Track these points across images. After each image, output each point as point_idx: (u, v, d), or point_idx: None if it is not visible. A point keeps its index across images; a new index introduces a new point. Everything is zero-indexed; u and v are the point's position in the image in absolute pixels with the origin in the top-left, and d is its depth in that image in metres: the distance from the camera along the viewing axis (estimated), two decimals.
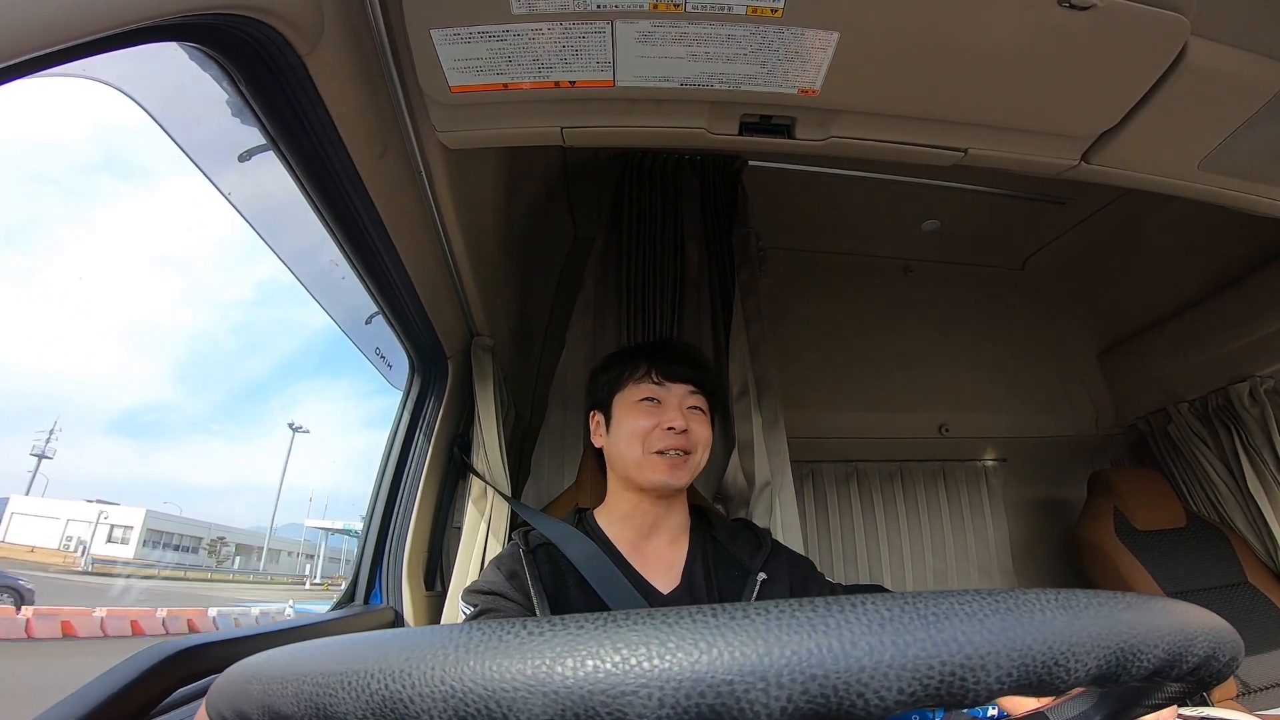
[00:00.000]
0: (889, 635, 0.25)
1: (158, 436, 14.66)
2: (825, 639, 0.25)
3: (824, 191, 2.10)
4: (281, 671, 0.30)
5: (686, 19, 0.78)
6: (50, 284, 6.28)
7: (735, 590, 0.99)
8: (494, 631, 0.27)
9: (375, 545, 1.26)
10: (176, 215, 7.84)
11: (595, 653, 0.25)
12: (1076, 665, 0.27)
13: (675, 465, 1.01)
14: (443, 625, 0.29)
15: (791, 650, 0.24)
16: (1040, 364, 2.45)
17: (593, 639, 0.26)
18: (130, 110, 0.68)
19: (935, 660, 0.25)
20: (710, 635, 0.25)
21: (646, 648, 0.25)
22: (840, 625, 0.25)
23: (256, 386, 23.21)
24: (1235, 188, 1.14)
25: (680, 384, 1.07)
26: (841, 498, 2.28)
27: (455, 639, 0.27)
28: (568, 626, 0.26)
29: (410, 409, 1.36)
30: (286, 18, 0.63)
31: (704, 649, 0.25)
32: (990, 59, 0.86)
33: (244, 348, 24.79)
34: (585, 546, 1.00)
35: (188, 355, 15.50)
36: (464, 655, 0.26)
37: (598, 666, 0.25)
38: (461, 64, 0.80)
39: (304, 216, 0.91)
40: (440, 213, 1.04)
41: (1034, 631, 0.26)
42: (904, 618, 0.26)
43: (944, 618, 0.26)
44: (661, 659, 0.25)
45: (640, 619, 0.26)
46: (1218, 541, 1.91)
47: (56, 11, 0.43)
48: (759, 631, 0.25)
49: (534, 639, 0.26)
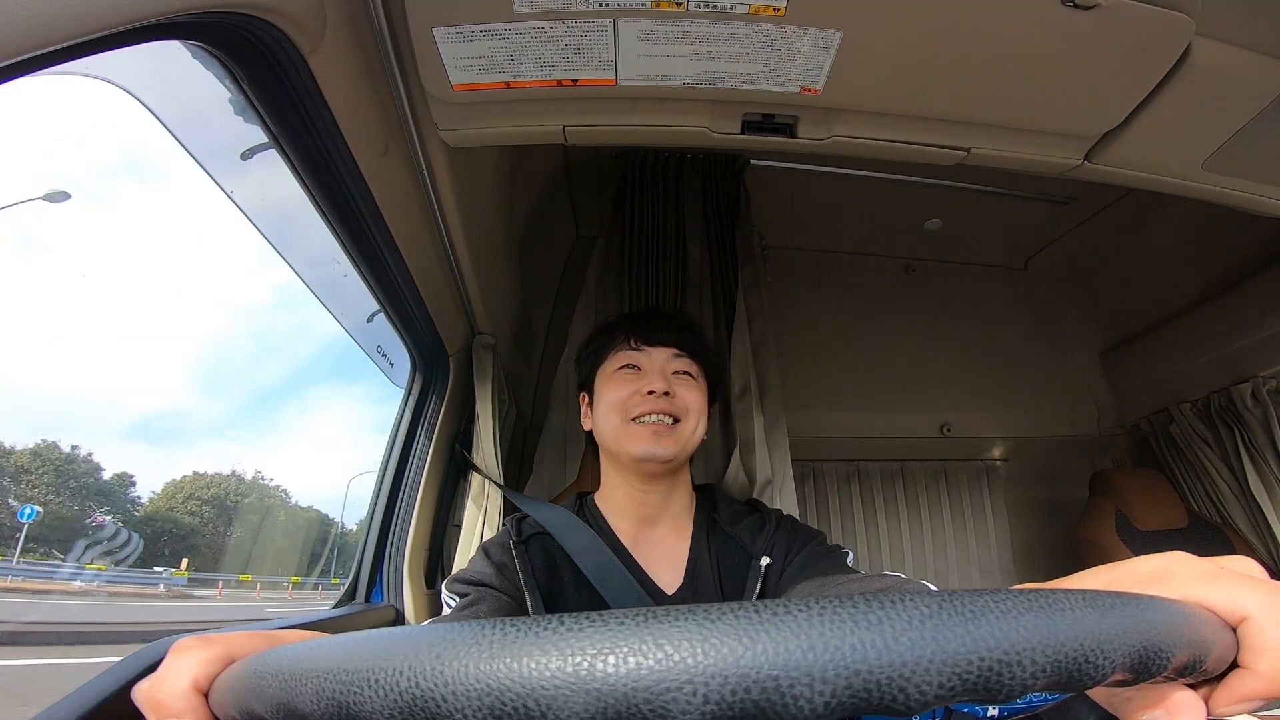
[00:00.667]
0: (930, 631, 0.26)
1: (174, 442, 14.66)
2: (869, 634, 0.25)
3: (826, 191, 2.10)
4: (301, 668, 0.30)
5: (689, 18, 0.78)
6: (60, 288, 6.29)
7: (738, 580, 0.93)
8: (531, 627, 0.27)
9: (376, 543, 1.26)
10: (177, 215, 7.87)
11: (638, 649, 0.25)
12: (1104, 663, 0.27)
13: (659, 432, 0.93)
14: (475, 620, 0.28)
15: (836, 646, 0.25)
16: (1042, 364, 2.44)
17: (635, 635, 0.25)
18: (133, 108, 0.68)
19: (974, 656, 0.25)
20: (755, 631, 0.25)
21: (690, 644, 0.25)
22: (883, 621, 0.26)
23: (272, 391, 23.46)
24: (1239, 188, 1.14)
25: (662, 348, 1.00)
26: (843, 497, 2.27)
27: (489, 634, 0.27)
28: (608, 622, 0.26)
29: (412, 407, 1.36)
30: (289, 16, 0.63)
31: (748, 645, 0.25)
32: (993, 58, 0.86)
33: (260, 352, 25.10)
34: (585, 537, 0.94)
35: (207, 360, 15.58)
36: (499, 651, 0.26)
37: (640, 663, 0.25)
38: (464, 62, 0.80)
39: (306, 215, 0.91)
40: (442, 211, 1.04)
41: (1066, 629, 0.27)
42: (943, 614, 0.26)
43: (981, 614, 0.26)
44: (706, 655, 0.25)
45: (682, 614, 0.26)
46: (1219, 542, 1.91)
47: (59, 10, 0.43)
48: (804, 628, 0.25)
49: (574, 634, 0.26)
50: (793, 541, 0.95)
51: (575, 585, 0.91)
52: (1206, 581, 0.33)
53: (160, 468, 1.22)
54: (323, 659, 0.29)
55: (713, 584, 0.94)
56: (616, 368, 1.00)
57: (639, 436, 0.93)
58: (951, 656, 0.25)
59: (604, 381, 1.01)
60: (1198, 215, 1.92)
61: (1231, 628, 0.32)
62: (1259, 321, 1.85)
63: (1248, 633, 0.31)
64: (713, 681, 0.24)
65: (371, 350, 1.41)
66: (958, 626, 0.26)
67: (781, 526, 0.98)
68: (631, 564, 0.95)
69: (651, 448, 0.93)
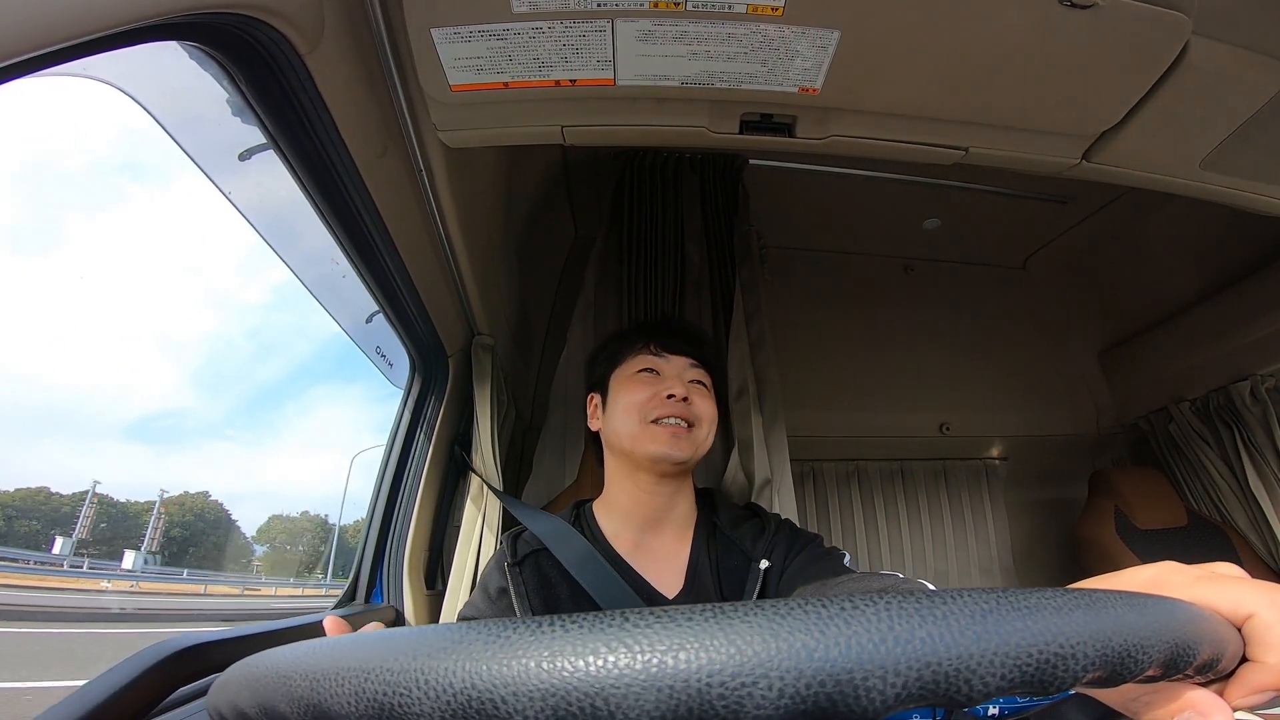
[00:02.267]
0: (993, 624, 0.26)
1: (173, 442, 14.37)
2: (938, 628, 0.26)
3: (825, 190, 2.10)
4: (326, 668, 0.29)
5: (687, 17, 0.78)
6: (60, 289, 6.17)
7: (738, 582, 0.93)
8: (595, 624, 0.26)
9: (376, 544, 1.26)
10: (178, 215, 7.69)
11: (709, 645, 0.25)
12: (1144, 658, 0.28)
13: (677, 434, 0.95)
14: (532, 618, 0.28)
15: (908, 639, 0.25)
16: (1041, 363, 2.44)
17: (705, 631, 0.25)
18: (130, 109, 0.68)
19: (1034, 648, 0.26)
20: (825, 625, 0.25)
21: (763, 640, 0.25)
22: (949, 615, 0.26)
23: (270, 390, 22.91)
24: (1237, 187, 1.14)
25: (680, 356, 1.03)
26: (842, 496, 2.27)
27: (550, 631, 0.26)
28: (675, 618, 0.26)
29: (411, 408, 1.36)
30: (287, 17, 0.63)
31: (819, 638, 0.25)
32: (991, 57, 0.86)
33: (258, 351, 24.59)
34: (579, 547, 0.95)
35: (203, 360, 15.23)
36: (562, 648, 0.25)
37: (712, 659, 0.25)
38: (462, 63, 0.80)
39: (304, 216, 0.91)
40: (441, 211, 1.04)
41: (1113, 625, 0.28)
42: (1004, 609, 0.27)
43: (1038, 609, 0.27)
44: (779, 650, 0.25)
45: (752, 610, 0.26)
46: (1219, 540, 1.91)
47: (57, 10, 0.43)
48: (875, 621, 0.26)
49: (640, 630, 0.26)
50: (792, 545, 0.96)
51: (571, 600, 0.92)
52: (1206, 585, 0.35)
53: (163, 466, 1.22)
54: (359, 658, 0.29)
55: (712, 587, 0.94)
56: (636, 370, 1.02)
57: (657, 437, 0.95)
58: (1014, 649, 0.26)
59: (621, 383, 1.02)
60: (1196, 214, 1.93)
61: (1236, 627, 0.33)
62: (1257, 320, 1.86)
63: (1254, 628, 0.33)
64: (788, 676, 0.24)
65: (370, 351, 1.41)
66: (1018, 620, 0.27)
67: (781, 531, 0.99)
68: (628, 572, 0.96)
69: (669, 449, 0.94)
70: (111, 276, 1.18)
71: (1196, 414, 2.08)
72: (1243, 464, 1.90)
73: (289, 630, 0.89)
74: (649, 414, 0.97)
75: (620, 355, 1.05)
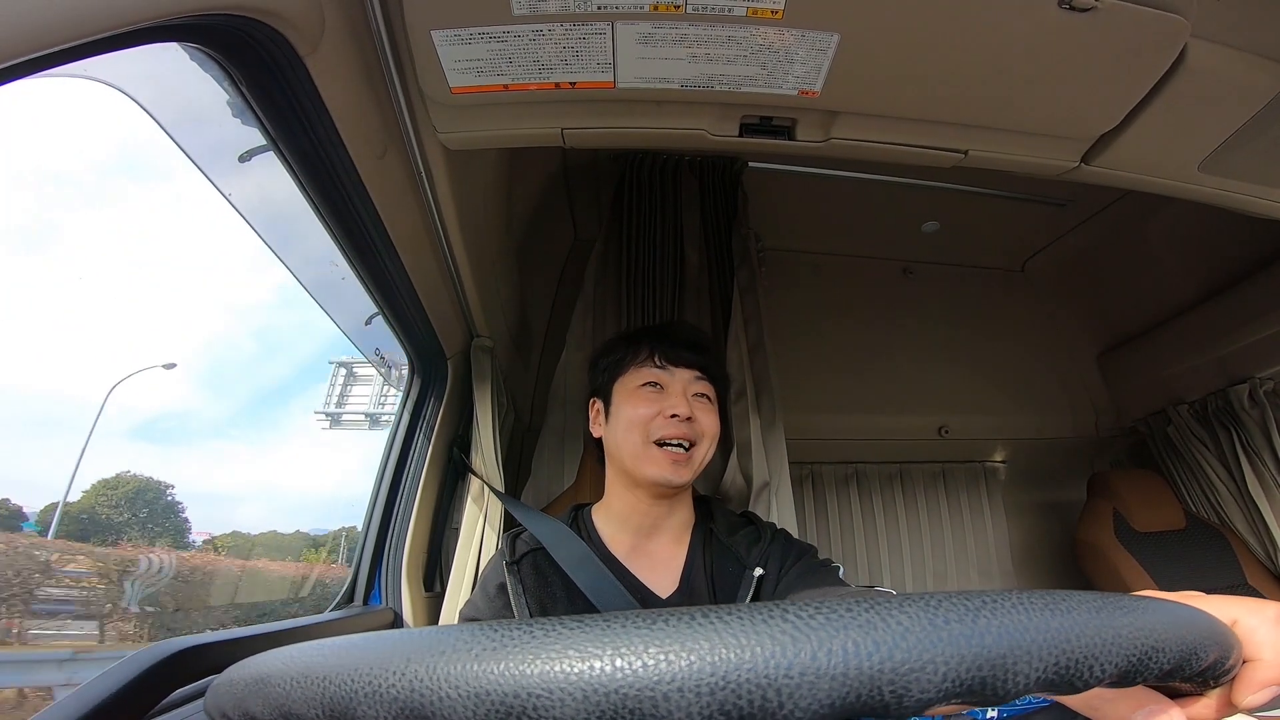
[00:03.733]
0: (1033, 623, 0.27)
1: (178, 443, 14.20)
2: (1065, 620, 0.28)
3: (824, 193, 2.10)
4: (329, 668, 0.29)
5: (687, 20, 0.78)
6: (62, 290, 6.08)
7: (731, 588, 0.94)
8: (762, 613, 0.27)
9: (375, 546, 1.26)
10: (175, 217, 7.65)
11: (752, 643, 0.25)
12: (1161, 659, 0.29)
13: (677, 460, 0.95)
14: (586, 615, 0.28)
15: (1045, 628, 0.27)
16: (1040, 366, 2.45)
17: (754, 631, 0.26)
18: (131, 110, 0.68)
19: (1068, 647, 0.27)
20: (976, 615, 0.27)
21: (923, 628, 0.26)
22: (1072, 610, 0.28)
23: (275, 390, 22.83)
24: (1235, 189, 1.14)
25: (685, 369, 1.01)
26: (841, 499, 2.27)
27: (703, 619, 0.26)
28: (722, 617, 0.26)
29: (410, 410, 1.36)
30: (287, 18, 0.63)
31: (974, 626, 0.26)
32: (990, 60, 0.86)
33: (263, 352, 24.35)
34: (576, 549, 0.96)
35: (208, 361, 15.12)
36: (727, 640, 0.25)
37: (755, 655, 0.25)
38: (462, 65, 0.80)
39: (304, 217, 0.91)
40: (440, 214, 1.04)
41: (1131, 627, 0.29)
42: (1039, 610, 0.28)
43: (1069, 611, 0.28)
44: (940, 637, 0.26)
45: (910, 601, 0.27)
46: (1217, 543, 1.91)
47: (57, 12, 0.43)
48: (1017, 612, 0.27)
49: (816, 621, 0.26)
50: (787, 555, 0.97)
51: (567, 600, 0.93)
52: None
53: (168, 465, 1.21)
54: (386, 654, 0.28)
55: (706, 591, 0.95)
56: (639, 384, 1.01)
57: (658, 461, 0.95)
58: (1049, 649, 0.27)
59: (624, 395, 1.01)
60: (1194, 217, 1.93)
61: None
62: (1256, 323, 1.86)
63: (1244, 631, 0.35)
64: (952, 660, 0.25)
65: (370, 353, 1.41)
66: (1052, 619, 0.28)
67: (776, 540, 1.00)
68: (624, 574, 0.97)
69: (668, 474, 0.95)
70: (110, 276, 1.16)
71: (1195, 417, 2.09)
72: (1241, 467, 1.90)
73: (287, 631, 0.89)
74: (652, 434, 0.96)
75: (624, 363, 1.04)
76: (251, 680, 0.32)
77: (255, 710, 0.31)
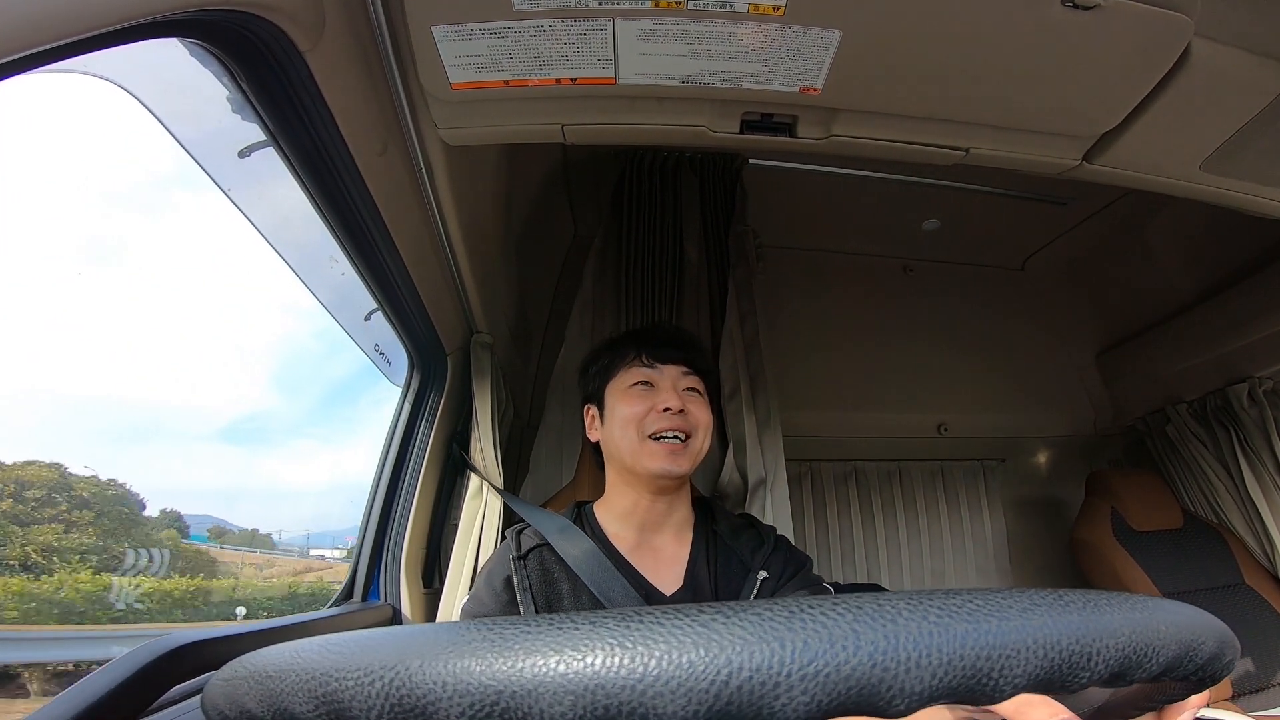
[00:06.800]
0: (1025, 621, 0.27)
1: (261, 443, 14.33)
2: (1062, 618, 0.28)
3: (825, 190, 2.10)
4: (331, 666, 0.29)
5: (688, 16, 0.77)
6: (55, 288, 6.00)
7: (735, 589, 0.97)
8: (761, 612, 0.26)
9: (374, 542, 1.26)
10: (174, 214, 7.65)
11: (982, 626, 0.26)
12: (1154, 659, 0.29)
13: (674, 451, 0.98)
14: (643, 608, 0.28)
15: (1042, 626, 0.27)
16: (1039, 364, 2.45)
17: (750, 629, 0.26)
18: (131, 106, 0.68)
19: (1059, 645, 0.27)
20: (871, 623, 0.26)
21: (1031, 621, 0.27)
22: (1068, 610, 0.28)
23: (342, 387, 23.18)
24: (1237, 189, 1.14)
25: (672, 365, 1.04)
26: (840, 496, 2.28)
27: (685, 621, 0.26)
28: (953, 599, 0.27)
29: (409, 406, 1.36)
30: (287, 13, 0.62)
31: (851, 637, 0.26)
32: (993, 58, 0.86)
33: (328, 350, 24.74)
34: (582, 545, 0.97)
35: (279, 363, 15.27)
36: (849, 638, 0.25)
37: (985, 632, 0.26)
38: (463, 60, 0.80)
39: (304, 213, 0.90)
40: (441, 210, 1.04)
41: (1128, 626, 0.29)
42: (1031, 608, 0.28)
43: (1063, 609, 0.28)
44: (1027, 628, 0.26)
45: (909, 600, 0.27)
46: (1215, 542, 1.92)
47: (57, 7, 0.43)
48: (913, 620, 0.27)
49: (918, 610, 0.26)
50: (787, 563, 1.01)
51: (572, 595, 0.94)
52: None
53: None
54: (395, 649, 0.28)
55: (709, 589, 0.98)
56: (630, 384, 1.03)
57: (656, 454, 0.98)
58: (1044, 647, 0.27)
59: (617, 396, 1.04)
60: (1195, 216, 1.93)
61: None
62: (1255, 322, 1.86)
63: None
64: (1039, 649, 0.26)
65: (369, 349, 1.40)
66: (1046, 617, 0.28)
67: (779, 547, 1.03)
68: (628, 569, 0.98)
69: (668, 465, 0.97)
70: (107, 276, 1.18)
71: (1194, 416, 2.09)
72: (1239, 466, 1.91)
73: (284, 628, 0.89)
74: (647, 429, 0.99)
75: (613, 367, 1.07)
76: (249, 677, 0.32)
77: (252, 707, 0.31)
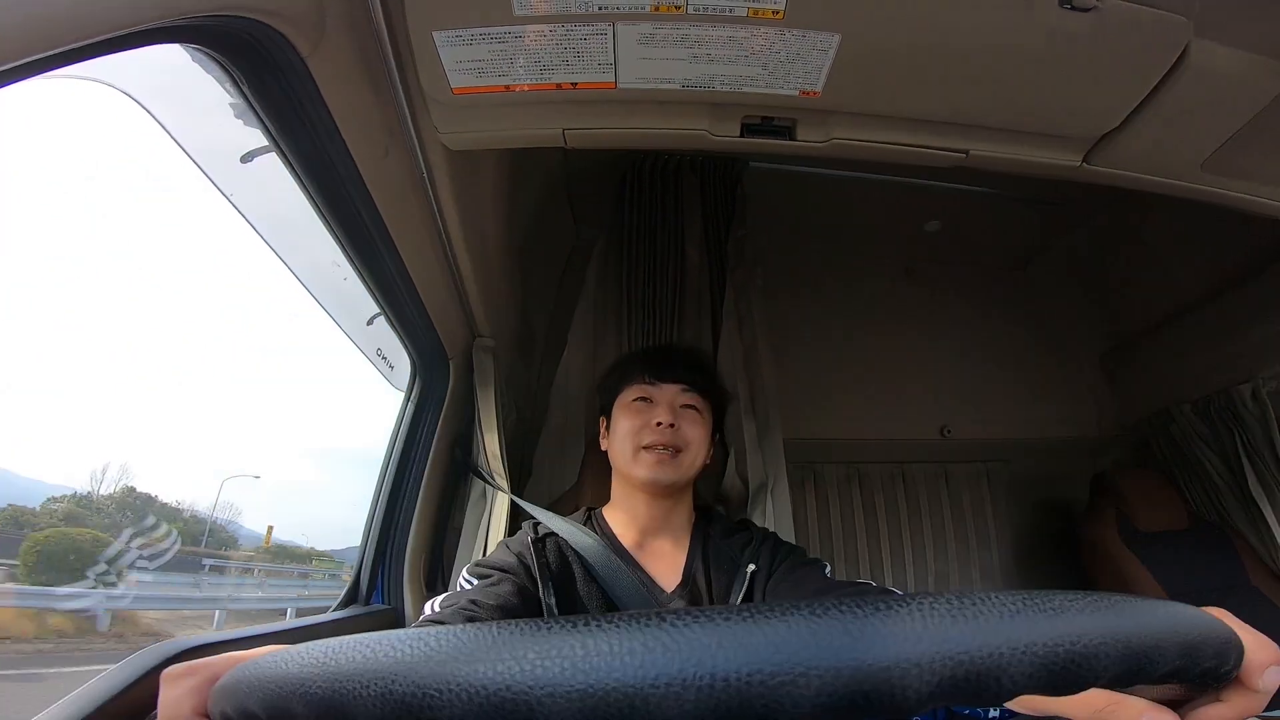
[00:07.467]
0: (1021, 625, 0.27)
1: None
2: (1065, 620, 0.28)
3: (825, 193, 2.10)
4: (333, 669, 0.29)
5: (688, 21, 0.78)
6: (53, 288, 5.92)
7: (727, 583, 1.03)
8: (772, 615, 0.27)
9: (377, 546, 1.26)
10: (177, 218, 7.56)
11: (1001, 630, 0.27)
12: (1161, 660, 0.29)
13: (661, 460, 1.05)
14: (665, 611, 0.28)
15: (948, 634, 0.27)
16: (1042, 365, 2.44)
17: (752, 632, 0.26)
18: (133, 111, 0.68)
19: (1060, 647, 0.27)
20: (871, 624, 0.27)
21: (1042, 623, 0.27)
22: (1066, 611, 0.28)
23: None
24: (1238, 189, 1.14)
25: (672, 384, 1.12)
26: (843, 499, 2.27)
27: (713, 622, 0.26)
28: (852, 611, 0.27)
29: (412, 410, 1.36)
30: (288, 18, 0.63)
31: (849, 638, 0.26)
32: (992, 60, 0.86)
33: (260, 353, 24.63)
34: (594, 541, 1.04)
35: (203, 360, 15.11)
36: (856, 640, 0.26)
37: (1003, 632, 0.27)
38: (463, 65, 0.81)
39: (306, 218, 0.91)
40: (442, 214, 1.04)
41: (1130, 627, 0.29)
42: (1028, 611, 0.28)
43: (1061, 612, 0.28)
44: (1036, 631, 0.27)
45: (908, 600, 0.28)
46: (1220, 543, 1.91)
47: (59, 13, 0.43)
48: (908, 620, 0.27)
49: (935, 613, 0.27)
50: (776, 553, 1.06)
51: (585, 581, 1.01)
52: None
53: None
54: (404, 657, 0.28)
55: (704, 586, 1.04)
56: (631, 400, 1.12)
57: (645, 463, 1.06)
58: (1044, 647, 0.27)
59: (620, 411, 1.13)
60: (1196, 217, 1.92)
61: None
62: (1259, 322, 1.85)
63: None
64: (1040, 649, 0.26)
65: (371, 353, 1.41)
66: (1042, 620, 0.28)
67: (767, 541, 1.09)
68: (634, 566, 1.05)
69: (655, 474, 1.05)
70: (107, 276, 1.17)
71: (1198, 416, 2.08)
72: (1243, 466, 1.90)
73: (288, 632, 0.89)
74: (640, 441, 1.07)
75: (620, 384, 1.16)
76: (253, 681, 0.32)
77: (256, 710, 0.31)
